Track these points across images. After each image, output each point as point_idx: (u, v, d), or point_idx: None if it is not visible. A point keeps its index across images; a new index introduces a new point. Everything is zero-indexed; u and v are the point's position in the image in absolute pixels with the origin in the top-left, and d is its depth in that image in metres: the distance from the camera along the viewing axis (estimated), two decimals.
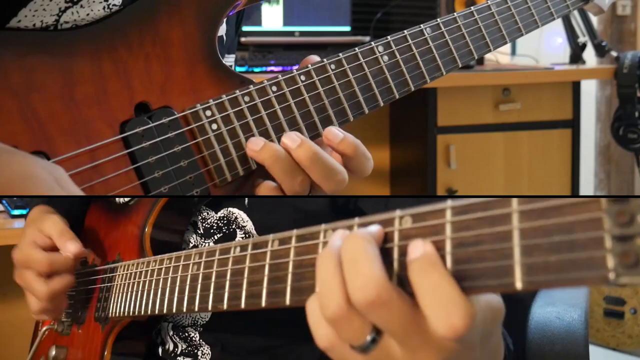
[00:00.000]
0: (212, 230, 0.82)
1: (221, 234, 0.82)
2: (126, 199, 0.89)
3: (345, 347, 0.43)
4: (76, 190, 0.54)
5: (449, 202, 0.39)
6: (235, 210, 0.81)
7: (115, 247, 0.86)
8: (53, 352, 0.88)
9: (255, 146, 0.62)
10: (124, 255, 0.83)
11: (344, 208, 0.80)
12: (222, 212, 0.82)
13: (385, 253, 0.42)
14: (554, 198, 0.35)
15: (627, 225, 0.31)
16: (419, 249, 0.39)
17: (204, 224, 0.83)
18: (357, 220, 0.45)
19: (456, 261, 0.38)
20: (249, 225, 0.80)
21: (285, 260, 0.49)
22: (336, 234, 0.44)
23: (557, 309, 0.94)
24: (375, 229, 0.43)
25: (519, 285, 0.35)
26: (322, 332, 0.43)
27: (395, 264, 0.42)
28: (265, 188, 0.63)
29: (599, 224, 0.32)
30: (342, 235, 0.43)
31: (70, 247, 0.78)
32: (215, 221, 0.82)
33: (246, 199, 0.80)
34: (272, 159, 0.61)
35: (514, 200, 0.36)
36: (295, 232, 0.50)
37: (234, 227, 0.81)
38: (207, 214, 0.83)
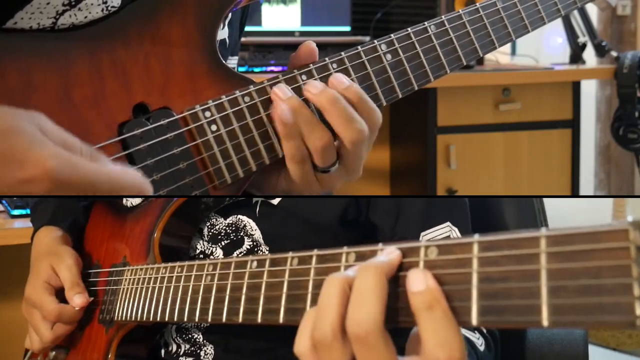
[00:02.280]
0: (219, 237, 0.81)
1: (229, 241, 0.81)
2: (134, 202, 0.88)
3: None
4: (61, 133, 0.50)
5: (476, 237, 0.40)
6: (245, 218, 0.80)
7: (121, 250, 0.85)
8: (53, 353, 0.88)
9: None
10: (131, 259, 0.82)
11: (353, 221, 0.79)
12: (231, 219, 0.81)
13: (399, 282, 0.43)
14: (582, 236, 0.35)
15: None
16: (421, 283, 0.40)
17: (211, 230, 0.82)
18: (380, 245, 0.46)
19: (482, 295, 0.39)
20: (257, 234, 0.79)
21: (304, 279, 0.49)
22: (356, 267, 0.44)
23: None
24: (393, 262, 0.43)
25: (545, 323, 0.36)
26: (302, 342, 0.45)
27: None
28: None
29: (627, 271, 0.33)
30: (359, 267, 0.43)
31: (78, 300, 0.82)
32: (224, 227, 0.81)
33: (257, 208, 0.79)
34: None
35: (542, 240, 0.37)
36: (315, 251, 0.50)
37: (242, 234, 0.80)
38: (216, 220, 0.82)
